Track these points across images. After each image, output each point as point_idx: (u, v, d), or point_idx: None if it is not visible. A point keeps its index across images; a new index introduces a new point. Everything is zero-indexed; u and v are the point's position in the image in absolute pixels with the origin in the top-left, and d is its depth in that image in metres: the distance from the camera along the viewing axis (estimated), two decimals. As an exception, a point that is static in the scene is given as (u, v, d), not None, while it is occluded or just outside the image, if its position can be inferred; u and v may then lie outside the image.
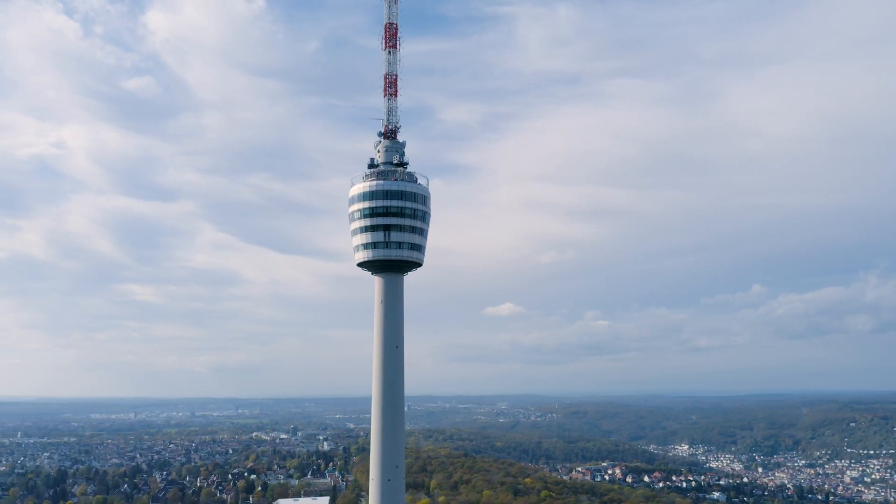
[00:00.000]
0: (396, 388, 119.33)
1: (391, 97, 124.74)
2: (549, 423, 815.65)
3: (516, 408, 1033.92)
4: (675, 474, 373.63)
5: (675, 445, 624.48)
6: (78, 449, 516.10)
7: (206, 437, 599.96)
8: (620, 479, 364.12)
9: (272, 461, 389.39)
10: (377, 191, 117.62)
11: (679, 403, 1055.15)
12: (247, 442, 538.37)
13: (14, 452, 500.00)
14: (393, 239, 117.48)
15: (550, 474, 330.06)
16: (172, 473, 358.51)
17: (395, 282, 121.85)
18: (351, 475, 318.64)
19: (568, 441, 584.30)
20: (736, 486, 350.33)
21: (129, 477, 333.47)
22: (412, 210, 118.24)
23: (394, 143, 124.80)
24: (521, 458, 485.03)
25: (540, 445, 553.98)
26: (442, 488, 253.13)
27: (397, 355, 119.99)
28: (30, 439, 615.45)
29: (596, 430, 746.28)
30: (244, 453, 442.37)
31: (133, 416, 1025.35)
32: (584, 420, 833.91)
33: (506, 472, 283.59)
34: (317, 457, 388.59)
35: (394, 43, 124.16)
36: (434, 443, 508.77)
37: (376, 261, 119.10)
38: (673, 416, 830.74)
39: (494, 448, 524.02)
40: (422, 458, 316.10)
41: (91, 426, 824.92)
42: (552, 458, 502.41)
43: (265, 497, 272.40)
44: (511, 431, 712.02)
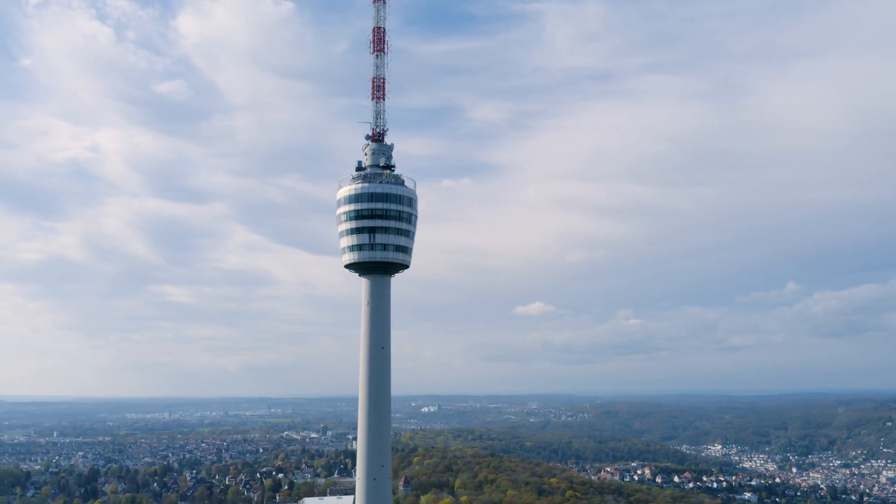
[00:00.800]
0: (382, 388, 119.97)
1: (379, 100, 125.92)
2: (580, 423, 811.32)
3: (547, 407, 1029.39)
4: (705, 474, 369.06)
5: (707, 445, 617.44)
6: (112, 448, 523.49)
7: (237, 436, 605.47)
8: (650, 479, 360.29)
9: (301, 460, 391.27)
10: (362, 193, 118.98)
11: (712, 403, 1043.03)
12: (277, 441, 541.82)
13: (49, 451, 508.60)
14: (378, 241, 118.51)
15: (578, 474, 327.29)
16: (202, 472, 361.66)
17: (382, 283, 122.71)
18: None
19: (598, 441, 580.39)
20: (768, 486, 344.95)
21: (159, 475, 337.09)
22: (397, 212, 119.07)
23: (381, 146, 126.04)
24: (550, 458, 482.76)
25: (570, 445, 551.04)
26: (466, 488, 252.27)
27: (383, 356, 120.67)
28: (65, 438, 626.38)
29: (627, 430, 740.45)
30: (274, 452, 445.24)
31: (167, 416, 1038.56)
32: (616, 420, 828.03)
33: (532, 472, 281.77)
34: (345, 456, 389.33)
35: (381, 47, 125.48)
36: (463, 442, 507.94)
37: (362, 262, 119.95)
38: (706, 416, 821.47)
39: (524, 448, 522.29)
40: (448, 458, 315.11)
41: (126, 426, 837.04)
42: (582, 458, 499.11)
43: (291, 496, 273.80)
44: (541, 431, 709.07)
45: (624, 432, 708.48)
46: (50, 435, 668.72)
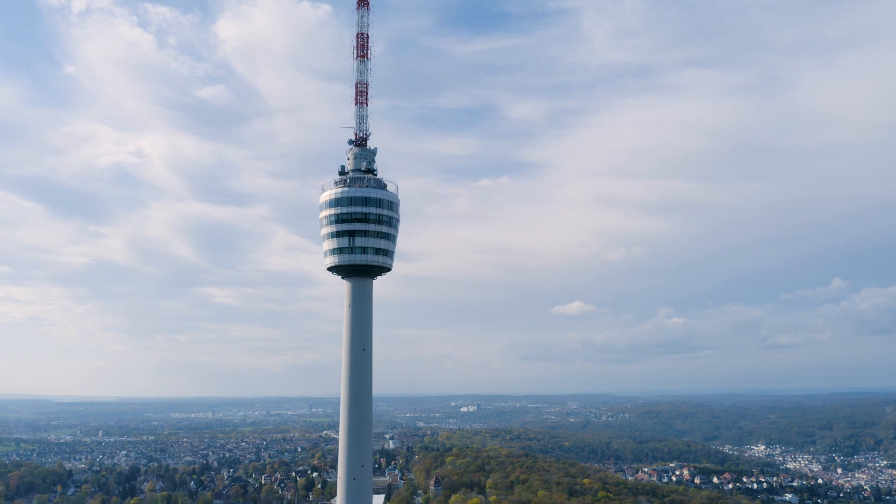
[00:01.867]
0: (364, 389, 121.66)
1: (362, 105, 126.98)
2: (621, 423, 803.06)
3: (587, 407, 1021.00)
4: (746, 475, 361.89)
5: (751, 446, 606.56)
6: (154, 447, 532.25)
7: (277, 435, 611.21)
8: (688, 480, 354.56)
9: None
10: (342, 197, 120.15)
11: (757, 402, 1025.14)
12: (315, 440, 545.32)
13: (93, 451, 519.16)
14: (357, 244, 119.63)
15: (612, 475, 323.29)
16: (239, 471, 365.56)
17: (363, 286, 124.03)
18: (411, 473, 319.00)
19: (638, 441, 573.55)
20: (809, 487, 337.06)
21: (197, 474, 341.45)
22: (377, 216, 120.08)
23: (363, 151, 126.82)
24: (588, 458, 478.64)
25: (609, 446, 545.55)
26: (497, 488, 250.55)
27: (364, 357, 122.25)
28: (110, 438, 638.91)
29: (669, 431, 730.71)
30: (311, 451, 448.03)
31: (211, 415, 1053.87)
32: (657, 420, 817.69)
33: (565, 473, 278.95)
34: (380, 455, 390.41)
35: (364, 53, 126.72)
36: (500, 442, 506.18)
37: (343, 266, 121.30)
38: (750, 416, 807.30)
39: (562, 448, 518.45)
40: (481, 458, 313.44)
41: (170, 425, 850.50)
42: (621, 458, 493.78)
43: (323, 494, 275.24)
44: (581, 431, 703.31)
45: (665, 433, 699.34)
46: (95, 434, 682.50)
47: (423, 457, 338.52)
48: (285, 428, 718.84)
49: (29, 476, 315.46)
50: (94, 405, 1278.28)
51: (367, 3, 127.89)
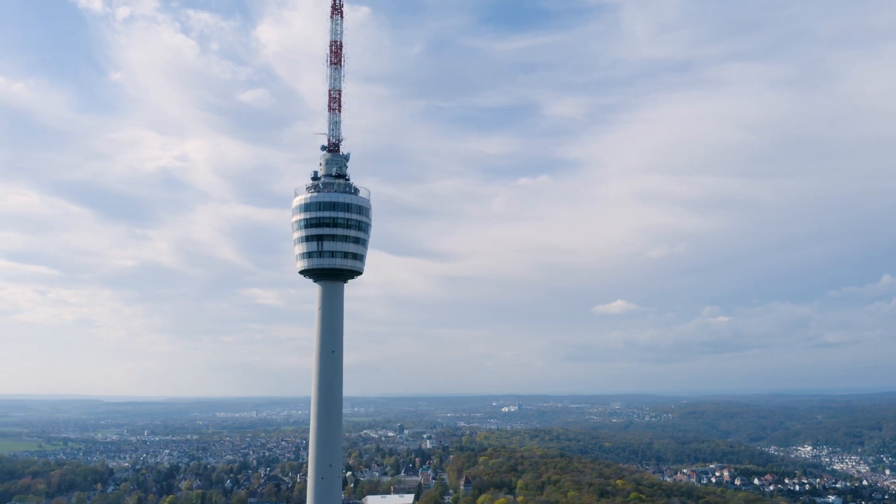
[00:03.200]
0: (333, 391, 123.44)
1: (335, 111, 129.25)
2: (664, 424, 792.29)
3: (630, 408, 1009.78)
4: (788, 477, 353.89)
5: (797, 447, 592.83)
6: (196, 446, 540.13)
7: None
8: (728, 481, 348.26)
9: (373, 458, 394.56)
10: (311, 202, 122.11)
11: (804, 402, 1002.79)
12: (354, 440, 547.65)
13: (138, 449, 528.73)
14: (326, 248, 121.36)
15: (648, 475, 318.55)
16: (277, 469, 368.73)
17: (334, 289, 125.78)
18: (444, 473, 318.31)
19: (680, 442, 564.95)
20: (853, 489, 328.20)
21: (234, 473, 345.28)
22: (345, 220, 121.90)
23: (334, 156, 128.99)
24: (629, 459, 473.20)
25: (650, 446, 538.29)
26: (528, 488, 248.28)
27: (334, 360, 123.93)
28: (155, 437, 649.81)
29: (713, 431, 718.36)
30: (349, 450, 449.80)
31: (255, 415, 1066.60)
32: (701, 420, 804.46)
33: (599, 473, 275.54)
34: (415, 454, 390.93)
35: (338, 60, 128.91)
36: (539, 442, 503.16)
37: (312, 269, 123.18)
38: (797, 416, 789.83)
39: (602, 448, 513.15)
40: (514, 458, 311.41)
41: (214, 424, 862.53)
42: (663, 459, 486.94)
43: (354, 493, 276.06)
44: (623, 432, 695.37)
45: (708, 433, 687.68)
46: (141, 434, 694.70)
47: (456, 457, 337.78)
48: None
49: (71, 474, 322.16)
50: (142, 405, 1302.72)
51: (340, 11, 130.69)
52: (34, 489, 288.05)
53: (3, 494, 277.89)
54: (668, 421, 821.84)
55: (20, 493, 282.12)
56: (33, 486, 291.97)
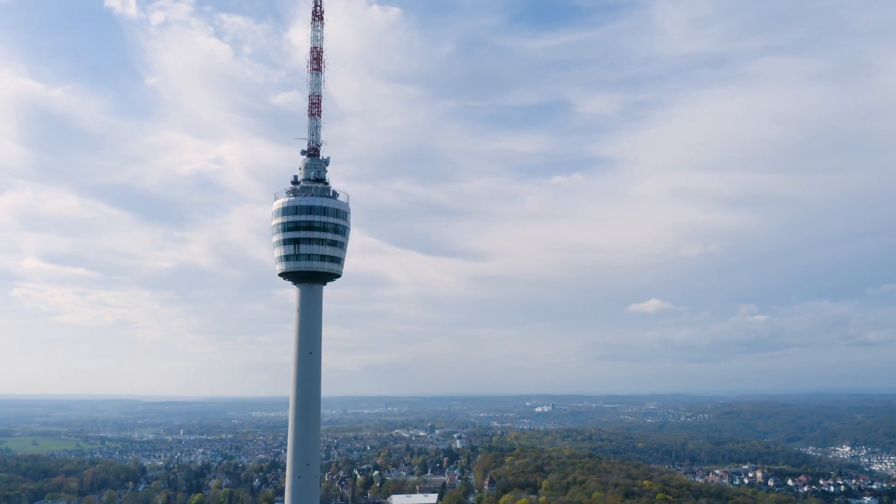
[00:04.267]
0: (311, 391, 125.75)
1: (315, 116, 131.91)
2: (700, 424, 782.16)
3: (666, 408, 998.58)
4: (823, 477, 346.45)
5: (835, 447, 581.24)
6: (230, 445, 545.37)
7: (349, 433, 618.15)
8: (761, 482, 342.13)
9: (402, 458, 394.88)
10: (288, 206, 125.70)
11: (844, 402, 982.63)
12: (385, 439, 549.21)
13: (172, 448, 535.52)
14: (302, 251, 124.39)
15: (678, 476, 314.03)
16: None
17: (312, 291, 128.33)
18: (472, 473, 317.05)
19: (715, 443, 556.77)
20: (890, 490, 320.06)
21: (263, 471, 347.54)
22: (321, 223, 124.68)
23: (313, 161, 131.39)
24: (662, 459, 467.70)
25: (685, 447, 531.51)
26: (553, 489, 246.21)
27: (312, 361, 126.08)
28: (190, 436, 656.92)
29: (749, 432, 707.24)
30: (379, 450, 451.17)
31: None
32: (738, 421, 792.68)
33: (627, 474, 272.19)
34: (444, 454, 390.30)
35: (318, 66, 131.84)
36: (571, 442, 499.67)
37: (289, 272, 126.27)
38: (836, 416, 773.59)
39: (635, 449, 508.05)
40: (541, 458, 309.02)
41: (249, 423, 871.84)
42: (697, 460, 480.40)
43: (380, 492, 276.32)
44: (657, 432, 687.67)
45: (745, 433, 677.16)
46: (177, 433, 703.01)
47: (484, 456, 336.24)
48: (358, 427, 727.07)
49: (103, 473, 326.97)
50: (180, 405, 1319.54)
51: (321, 17, 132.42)
52: (67, 487, 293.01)
53: (36, 492, 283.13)
54: (704, 421, 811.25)
55: (53, 490, 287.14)
56: (66, 484, 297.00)
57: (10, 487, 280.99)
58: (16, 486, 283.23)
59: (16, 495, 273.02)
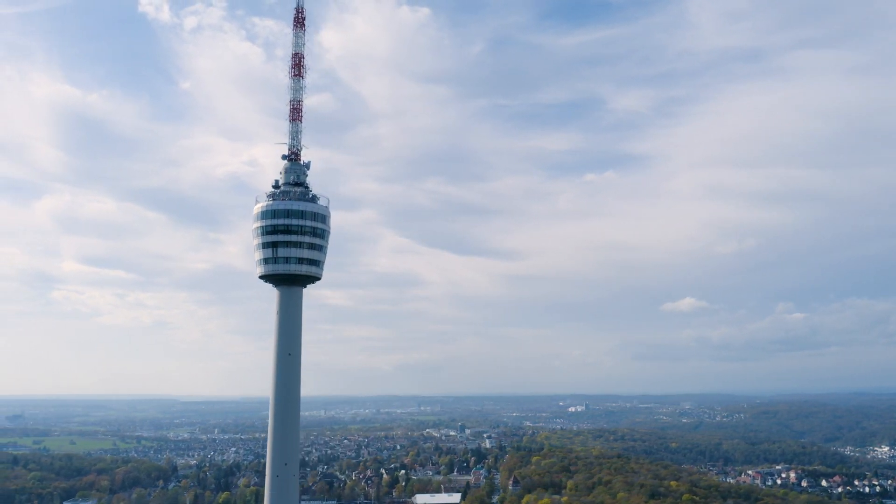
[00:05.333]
0: (290, 392, 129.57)
1: (295, 122, 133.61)
2: (735, 424, 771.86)
3: (701, 408, 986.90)
4: (858, 478, 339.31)
5: (874, 447, 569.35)
6: (263, 444, 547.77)
7: (381, 433, 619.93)
8: (794, 483, 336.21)
9: (430, 457, 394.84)
10: (267, 210, 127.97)
11: (884, 401, 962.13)
12: (415, 438, 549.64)
13: (206, 447, 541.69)
14: (280, 255, 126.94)
15: (708, 477, 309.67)
16: (335, 467, 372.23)
17: (291, 294, 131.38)
18: (498, 472, 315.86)
19: (750, 443, 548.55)
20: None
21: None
22: (299, 227, 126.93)
23: (293, 165, 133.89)
24: (696, 460, 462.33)
25: (719, 447, 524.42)
26: (578, 489, 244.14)
27: (291, 362, 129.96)
28: (225, 435, 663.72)
29: (786, 432, 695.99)
30: (408, 449, 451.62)
31: (323, 413, 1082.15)
32: (775, 420, 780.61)
33: (655, 475, 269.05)
34: (472, 454, 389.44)
35: (299, 72, 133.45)
36: (603, 443, 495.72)
37: (268, 275, 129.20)
38: (875, 416, 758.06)
39: (668, 449, 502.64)
40: (567, 458, 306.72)
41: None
42: (731, 460, 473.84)
43: (405, 491, 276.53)
44: (692, 432, 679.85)
45: (781, 433, 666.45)
46: (212, 432, 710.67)
47: (511, 456, 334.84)
48: (390, 426, 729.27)
49: (135, 472, 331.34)
50: (216, 404, 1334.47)
51: (302, 24, 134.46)
52: (98, 486, 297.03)
53: (69, 490, 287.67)
54: (740, 421, 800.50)
55: (84, 489, 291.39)
56: (98, 482, 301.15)
57: (42, 485, 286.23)
58: (48, 485, 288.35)
59: (48, 493, 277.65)
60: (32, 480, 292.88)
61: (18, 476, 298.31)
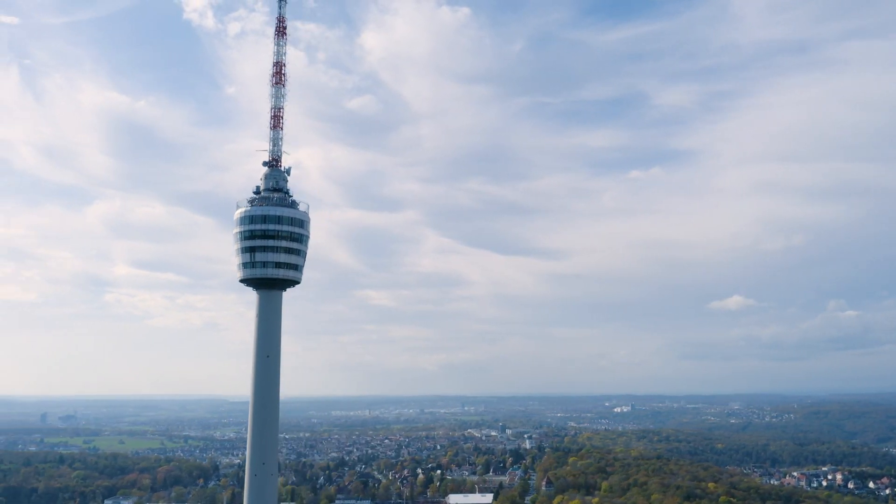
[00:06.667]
0: (269, 394, 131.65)
1: (276, 129, 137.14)
2: (785, 425, 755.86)
3: (750, 408, 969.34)
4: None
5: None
6: (305, 443, 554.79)
7: (422, 433, 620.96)
8: (840, 485, 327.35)
9: (467, 457, 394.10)
10: (245, 216, 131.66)
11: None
12: (455, 438, 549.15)
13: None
14: (258, 259, 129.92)
15: (749, 478, 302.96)
16: (373, 467, 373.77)
17: (270, 297, 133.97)
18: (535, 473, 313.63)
19: (799, 444, 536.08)
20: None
21: (330, 469, 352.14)
22: (275, 231, 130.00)
23: (273, 171, 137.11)
24: (742, 461, 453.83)
25: (766, 448, 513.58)
26: (613, 490, 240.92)
27: (269, 364, 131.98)
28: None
29: (837, 432, 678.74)
30: (447, 449, 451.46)
31: (368, 413, 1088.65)
32: (825, 421, 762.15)
33: (693, 476, 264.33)
34: (510, 454, 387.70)
35: (280, 80, 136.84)
36: (646, 444, 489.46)
37: (246, 279, 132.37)
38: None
39: (713, 450, 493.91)
40: (605, 459, 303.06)
41: (328, 422, 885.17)
42: (778, 461, 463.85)
43: (439, 491, 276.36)
44: (739, 433, 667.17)
45: (831, 434, 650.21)
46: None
47: (548, 457, 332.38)
48: (432, 426, 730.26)
49: (176, 470, 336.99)
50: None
51: (283, 32, 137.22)
52: (140, 484, 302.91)
53: (110, 489, 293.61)
54: (790, 421, 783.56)
55: (126, 487, 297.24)
56: (139, 481, 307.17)
57: (85, 484, 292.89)
58: (91, 483, 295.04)
59: (90, 491, 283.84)
60: (76, 479, 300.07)
61: (63, 475, 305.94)
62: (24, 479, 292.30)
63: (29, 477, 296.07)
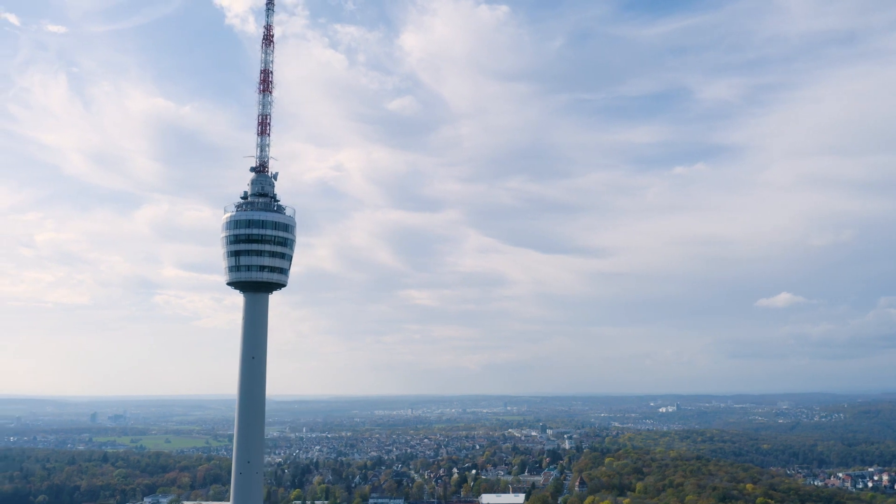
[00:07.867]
0: (254, 393, 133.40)
1: (264, 135, 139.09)
2: (834, 424, 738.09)
3: (799, 407, 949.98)
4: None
5: None
6: (346, 442, 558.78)
7: (462, 432, 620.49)
8: (886, 486, 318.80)
9: (504, 457, 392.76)
10: (230, 221, 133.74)
11: None
12: (495, 438, 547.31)
13: (293, 445, 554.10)
14: (243, 263, 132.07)
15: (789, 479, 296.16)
16: (409, 466, 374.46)
17: (256, 300, 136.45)
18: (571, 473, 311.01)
19: (847, 444, 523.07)
20: None
21: (366, 469, 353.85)
22: (260, 236, 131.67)
23: (260, 177, 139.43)
24: (787, 462, 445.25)
25: (813, 448, 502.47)
26: (647, 491, 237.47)
27: (255, 365, 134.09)
28: (312, 434, 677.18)
29: (888, 432, 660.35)
30: (486, 449, 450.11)
31: (410, 412, 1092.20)
32: (876, 420, 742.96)
33: (731, 477, 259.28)
34: (547, 454, 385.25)
35: (267, 87, 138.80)
36: (690, 444, 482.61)
37: (233, 282, 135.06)
38: None
39: (759, 451, 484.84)
40: (641, 460, 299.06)
41: (370, 421, 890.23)
42: (826, 462, 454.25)
43: (472, 491, 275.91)
44: (787, 433, 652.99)
45: (882, 434, 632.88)
46: (300, 430, 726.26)
47: (585, 457, 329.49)
48: (473, 426, 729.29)
49: (216, 469, 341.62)
50: (308, 403, 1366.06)
51: (271, 40, 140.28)
52: (179, 482, 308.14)
53: (151, 486, 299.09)
54: (840, 421, 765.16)
55: (165, 485, 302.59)
56: (179, 479, 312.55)
57: (126, 482, 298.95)
58: (132, 481, 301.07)
59: (131, 489, 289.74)
60: (118, 477, 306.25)
61: (105, 473, 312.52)
62: (68, 477, 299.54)
63: (72, 475, 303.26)
